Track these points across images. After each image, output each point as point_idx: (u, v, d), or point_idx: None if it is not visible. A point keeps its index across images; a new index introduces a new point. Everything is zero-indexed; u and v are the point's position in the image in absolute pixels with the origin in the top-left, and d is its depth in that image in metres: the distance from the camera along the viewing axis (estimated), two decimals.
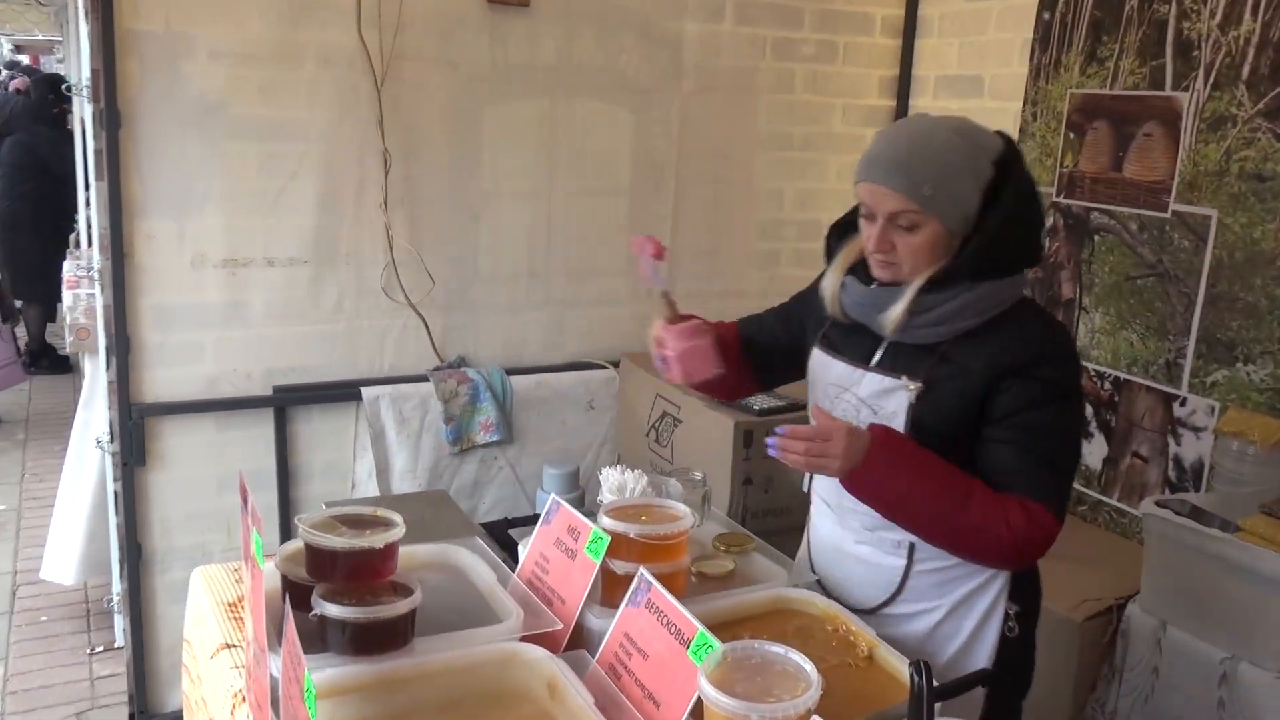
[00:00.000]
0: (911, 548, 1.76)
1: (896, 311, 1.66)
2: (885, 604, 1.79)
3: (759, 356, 2.01)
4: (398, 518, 1.61)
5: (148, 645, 3.04)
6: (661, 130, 3.45)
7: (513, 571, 1.78)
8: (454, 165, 3.17)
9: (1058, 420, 1.63)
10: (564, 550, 1.72)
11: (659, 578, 1.51)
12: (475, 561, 1.82)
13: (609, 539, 1.64)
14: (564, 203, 3.35)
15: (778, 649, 1.33)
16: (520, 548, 1.85)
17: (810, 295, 1.93)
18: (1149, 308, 2.78)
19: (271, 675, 1.37)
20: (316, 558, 1.51)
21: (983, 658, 1.75)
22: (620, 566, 1.65)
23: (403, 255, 3.14)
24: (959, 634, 1.76)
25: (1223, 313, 2.65)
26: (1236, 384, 2.58)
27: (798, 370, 1.95)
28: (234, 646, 1.67)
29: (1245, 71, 2.60)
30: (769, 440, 1.61)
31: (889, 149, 1.64)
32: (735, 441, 2.73)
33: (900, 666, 1.53)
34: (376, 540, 1.52)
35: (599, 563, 1.64)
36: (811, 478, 2.79)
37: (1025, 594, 1.78)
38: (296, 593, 1.48)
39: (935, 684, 1.28)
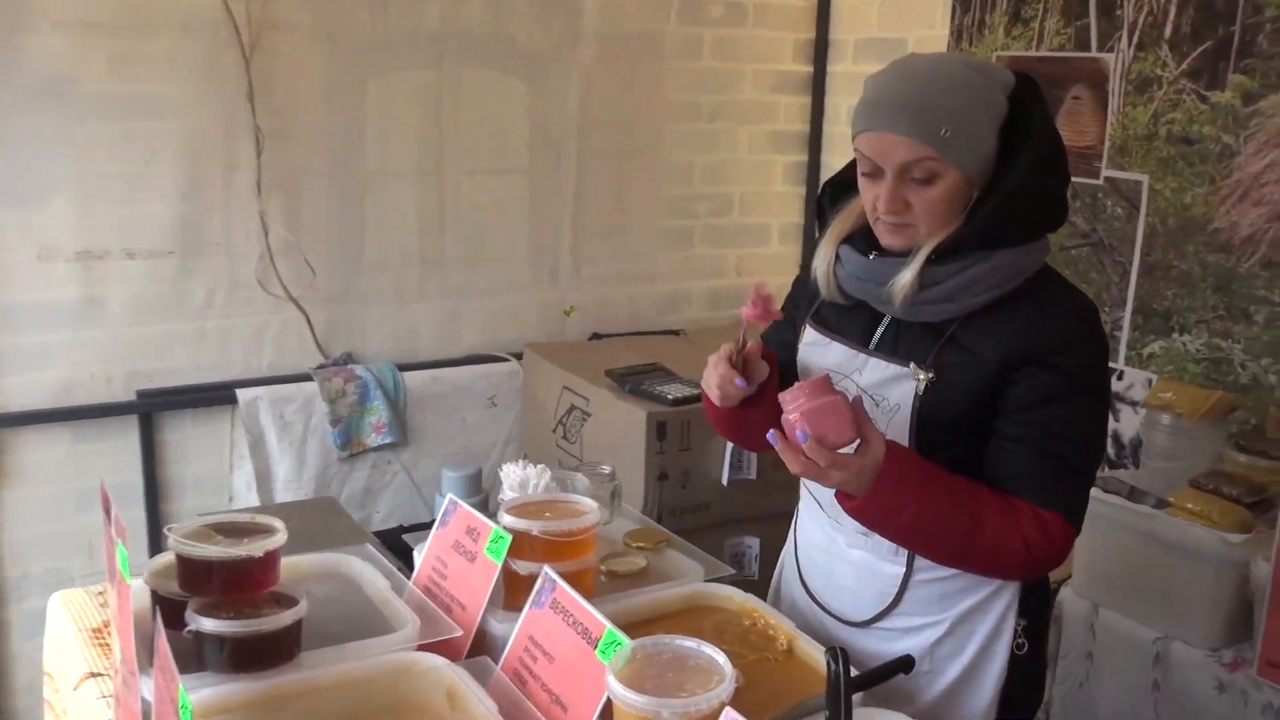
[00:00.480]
0: (911, 554, 1.68)
1: (905, 280, 1.55)
2: (880, 617, 1.72)
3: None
4: (278, 523, 1.61)
5: (2, 685, 2.98)
6: (560, 102, 3.48)
7: (408, 579, 1.80)
8: (334, 144, 3.16)
9: (1078, 417, 1.54)
10: (463, 553, 1.74)
11: (565, 577, 1.54)
12: (367, 570, 1.84)
13: (510, 538, 1.67)
14: (456, 183, 3.36)
15: (690, 643, 1.38)
16: (416, 553, 1.87)
17: (803, 278, 1.84)
18: (1084, 279, 2.90)
19: (144, 699, 1.37)
20: (190, 570, 1.51)
21: (990, 683, 1.69)
22: (523, 567, 1.68)
23: (279, 244, 3.12)
24: (963, 653, 1.69)
25: (1158, 282, 2.78)
26: (1173, 355, 2.71)
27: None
28: (100, 675, 1.65)
29: (1168, 31, 2.73)
30: (771, 434, 1.50)
31: (893, 90, 1.52)
32: (648, 434, 2.78)
33: (821, 657, 1.59)
34: (255, 548, 1.53)
35: (500, 564, 1.66)
36: (729, 470, 2.86)
37: (1035, 605, 1.71)
38: (169, 609, 1.48)
39: (853, 671, 1.33)
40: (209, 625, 1.45)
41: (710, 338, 3.67)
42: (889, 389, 1.63)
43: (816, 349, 1.75)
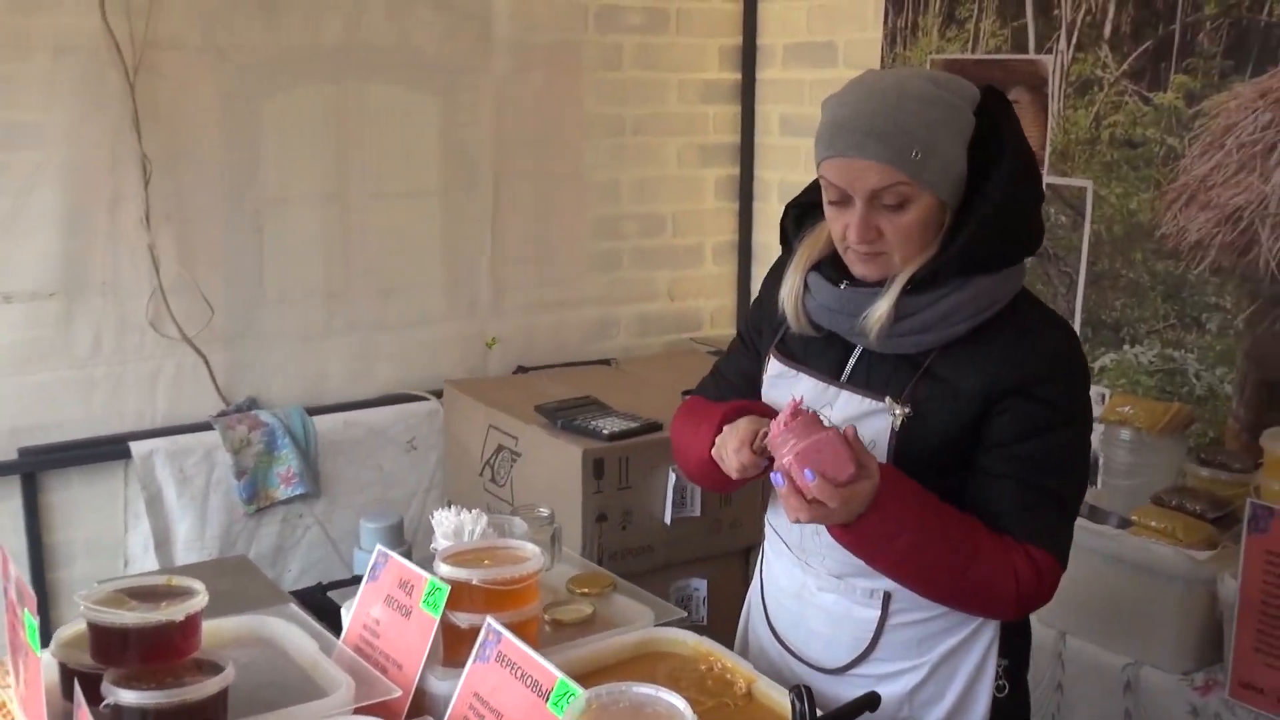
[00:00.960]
0: (887, 597, 1.72)
1: (880, 311, 1.60)
2: (854, 663, 1.76)
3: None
4: (197, 585, 1.63)
5: None
6: (473, 117, 3.53)
7: (337, 639, 1.82)
8: (229, 170, 3.17)
9: (1064, 450, 1.59)
10: (397, 608, 1.77)
11: (509, 628, 1.58)
12: (292, 632, 1.86)
13: (448, 589, 1.71)
14: (364, 208, 3.39)
15: (647, 689, 1.42)
16: (344, 612, 1.89)
17: (762, 300, 1.88)
18: (1029, 291, 3.02)
19: None
20: (104, 639, 1.53)
21: None
22: (464, 619, 1.71)
23: (173, 280, 3.12)
24: (943, 698, 1.73)
25: (1105, 292, 2.91)
26: (1125, 368, 2.84)
27: None
28: None
29: (1107, 30, 2.87)
30: (775, 477, 1.56)
31: (858, 112, 1.56)
32: (585, 472, 2.83)
33: (782, 699, 1.65)
34: (175, 612, 1.55)
35: (439, 617, 1.70)
36: (672, 508, 2.92)
37: (1016, 645, 1.76)
38: (82, 683, 1.49)
39: (818, 711, 1.39)
40: (128, 698, 1.46)
41: (643, 366, 3.74)
42: (863, 424, 1.66)
43: (783, 382, 1.78)
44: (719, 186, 4.07)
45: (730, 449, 1.69)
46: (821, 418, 1.61)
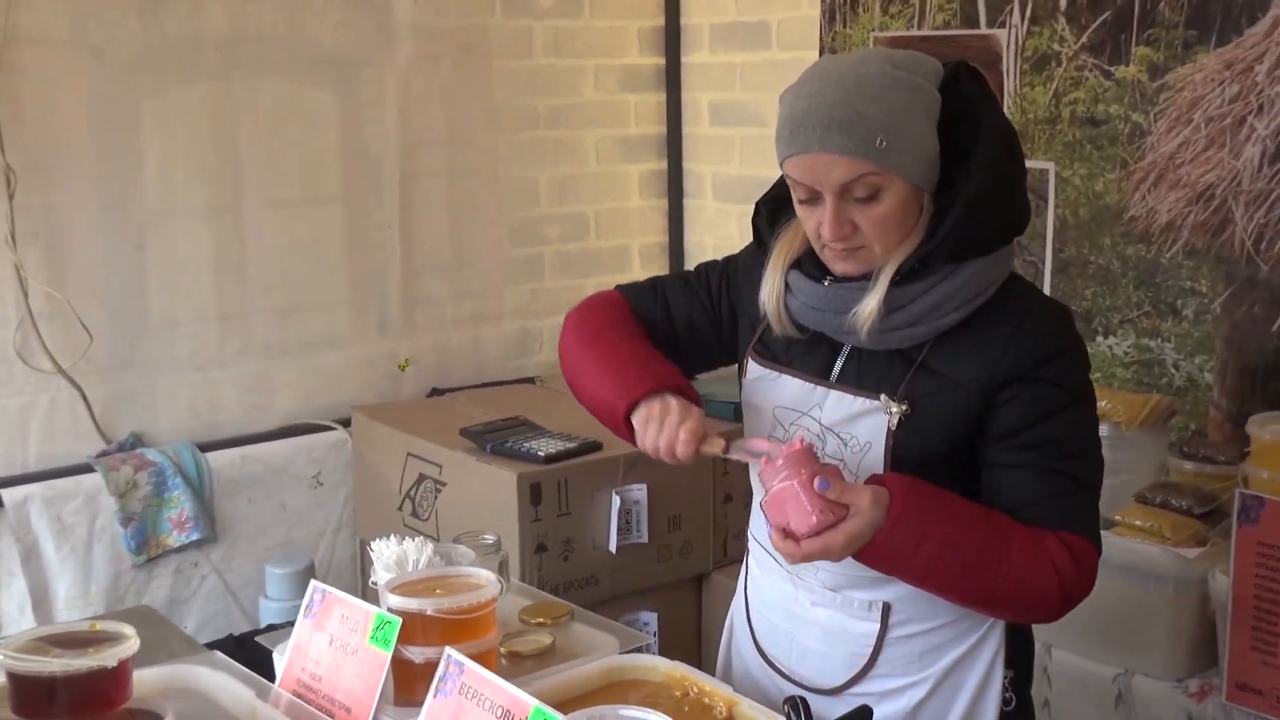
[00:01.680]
0: (886, 608, 1.80)
1: (870, 307, 1.69)
2: (853, 682, 1.84)
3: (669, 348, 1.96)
4: (127, 629, 1.68)
5: None
6: (375, 114, 3.60)
7: (273, 686, 1.87)
8: (106, 179, 3.20)
9: (1079, 429, 1.71)
10: (340, 647, 1.83)
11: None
12: (221, 680, 1.90)
13: (399, 622, 1.77)
14: (258, 219, 3.44)
15: (633, 711, 1.51)
16: (276, 656, 1.94)
17: (738, 281, 1.96)
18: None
19: None
20: (28, 690, 1.57)
21: None
22: (418, 653, 1.78)
23: (43, 305, 3.13)
24: (948, 715, 1.82)
25: (1074, 280, 3.06)
26: (1099, 360, 2.99)
27: (704, 364, 2.01)
28: None
29: (1063, 1, 3.04)
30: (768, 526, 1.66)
31: (816, 104, 1.65)
32: (520, 499, 2.90)
33: None
34: (106, 658, 1.60)
35: (390, 653, 1.76)
36: (617, 534, 3.00)
37: (1022, 655, 1.86)
38: None
39: None
40: None
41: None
42: (857, 425, 1.76)
43: (765, 385, 1.87)
44: (644, 182, 4.18)
45: (681, 441, 1.73)
46: (815, 452, 1.68)
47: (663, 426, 1.76)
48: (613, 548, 3.03)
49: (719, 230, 4.09)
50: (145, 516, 3.26)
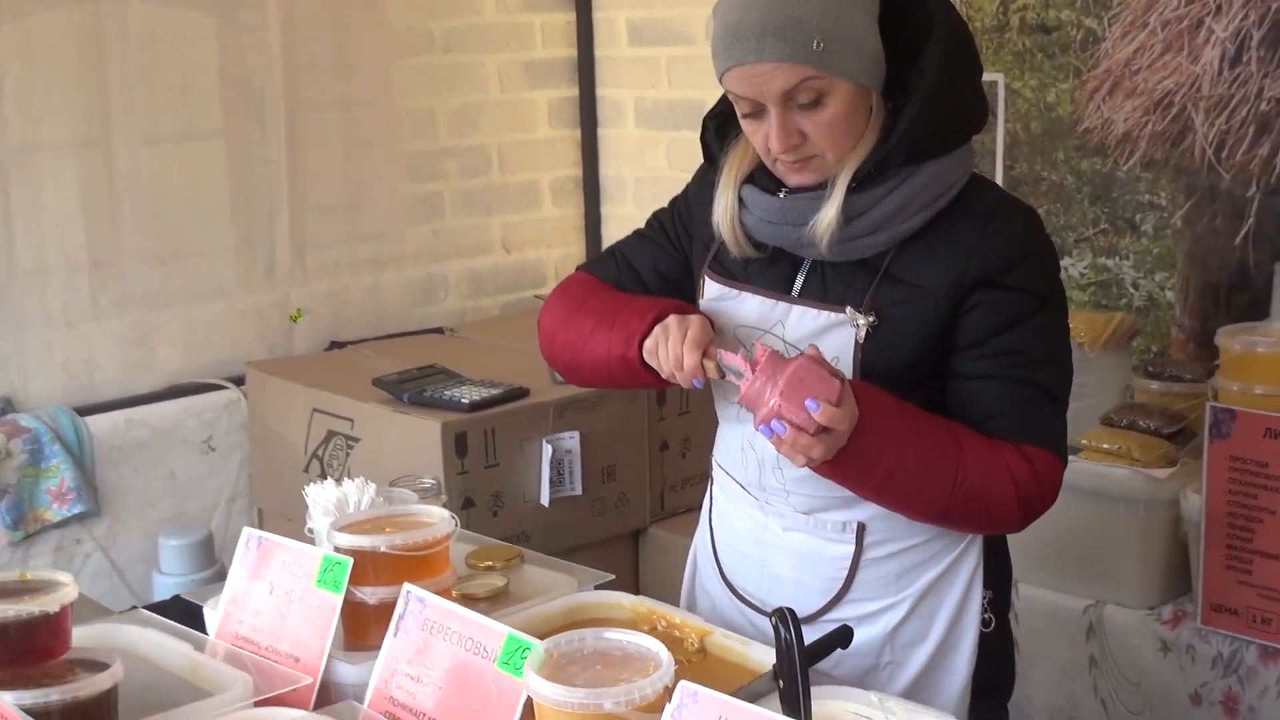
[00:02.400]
0: (861, 529, 1.94)
1: (829, 216, 1.82)
2: (828, 608, 1.98)
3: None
4: (65, 576, 1.78)
5: None
6: (257, 39, 3.66)
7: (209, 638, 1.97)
8: None
9: (1045, 337, 1.86)
10: (283, 595, 1.93)
11: None
12: (153, 637, 1.99)
13: (351, 561, 1.88)
14: (133, 155, 3.49)
15: (614, 634, 1.64)
16: (207, 611, 2.04)
17: (690, 205, 2.09)
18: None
19: None
20: None
21: (961, 666, 1.96)
22: (371, 594, 1.89)
23: None
24: (928, 637, 1.96)
25: (1027, 198, 3.18)
26: None
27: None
28: None
29: None
30: (766, 429, 1.74)
31: (747, 13, 1.77)
32: (445, 450, 3.02)
33: (741, 648, 1.88)
34: (48, 603, 1.69)
35: (342, 595, 1.87)
36: (549, 486, 3.12)
37: (999, 573, 2.02)
38: None
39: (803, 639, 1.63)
40: (7, 699, 1.60)
41: (484, 332, 3.94)
42: (822, 340, 1.88)
43: (724, 304, 1.99)
44: (553, 111, 4.29)
45: (686, 350, 1.84)
46: (781, 351, 1.83)
47: (668, 347, 1.87)
48: (545, 501, 3.16)
49: (643, 161, 4.21)
50: (21, 489, 3.31)
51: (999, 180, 3.28)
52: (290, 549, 1.96)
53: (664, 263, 2.12)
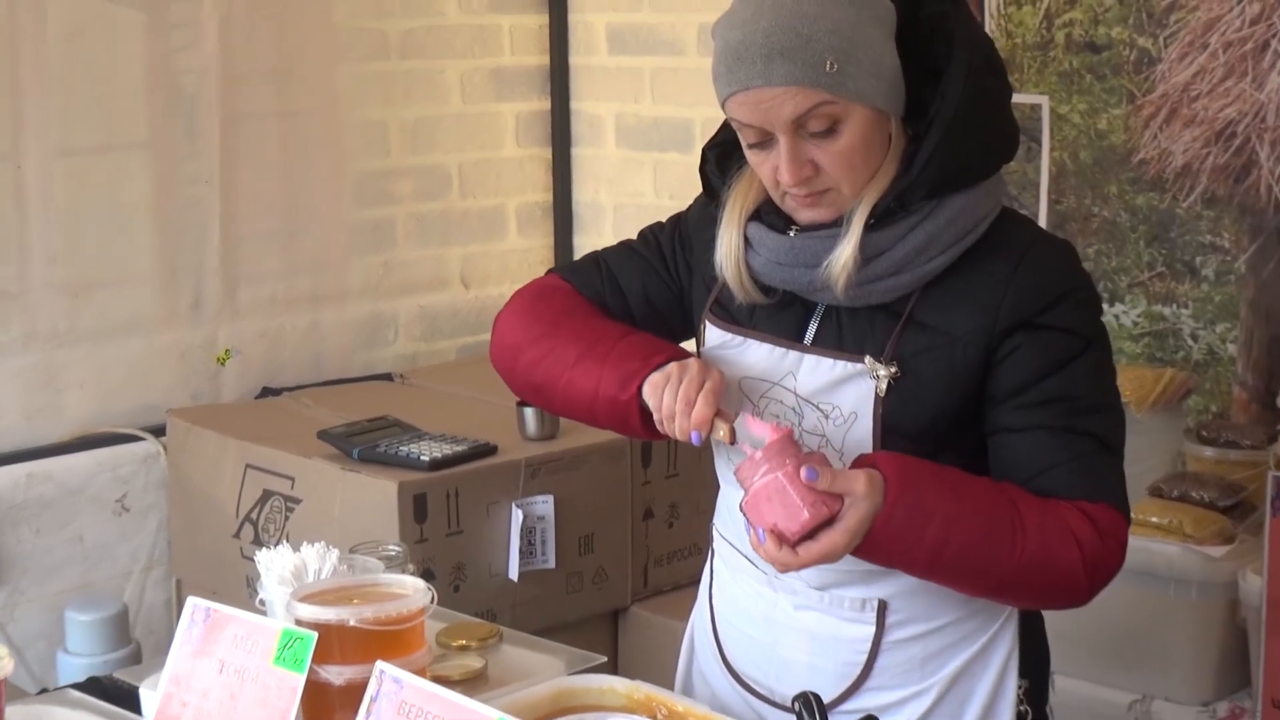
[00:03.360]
0: (882, 607, 1.99)
1: (844, 256, 1.88)
2: (846, 696, 2.02)
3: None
4: (1, 647, 1.85)
5: None
6: (190, 39, 3.73)
7: None
8: None
9: (1094, 379, 1.92)
10: (235, 674, 1.99)
11: None
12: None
13: (315, 636, 1.95)
14: (43, 170, 3.55)
15: (618, 718, 1.72)
16: (143, 693, 2.10)
17: (689, 234, 2.16)
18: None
19: None
20: None
21: None
22: (337, 673, 1.95)
23: None
24: None
25: (1075, 237, 3.30)
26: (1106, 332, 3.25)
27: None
28: None
29: None
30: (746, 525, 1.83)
31: (752, 31, 1.83)
32: (402, 514, 3.07)
33: None
34: None
35: (304, 674, 1.93)
36: (519, 557, 3.18)
37: (1036, 660, 2.07)
38: None
39: None
40: None
41: (438, 379, 4.01)
42: (839, 394, 1.95)
43: (727, 352, 2.05)
44: (522, 127, 4.39)
45: (701, 397, 1.89)
46: (797, 441, 1.87)
47: (680, 386, 1.91)
48: (514, 574, 3.23)
49: (624, 185, 4.30)
50: None
51: (1043, 216, 3.37)
52: (244, 622, 2.01)
53: (655, 289, 2.19)
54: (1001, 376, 1.92)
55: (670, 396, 1.91)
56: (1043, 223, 3.38)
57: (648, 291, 2.19)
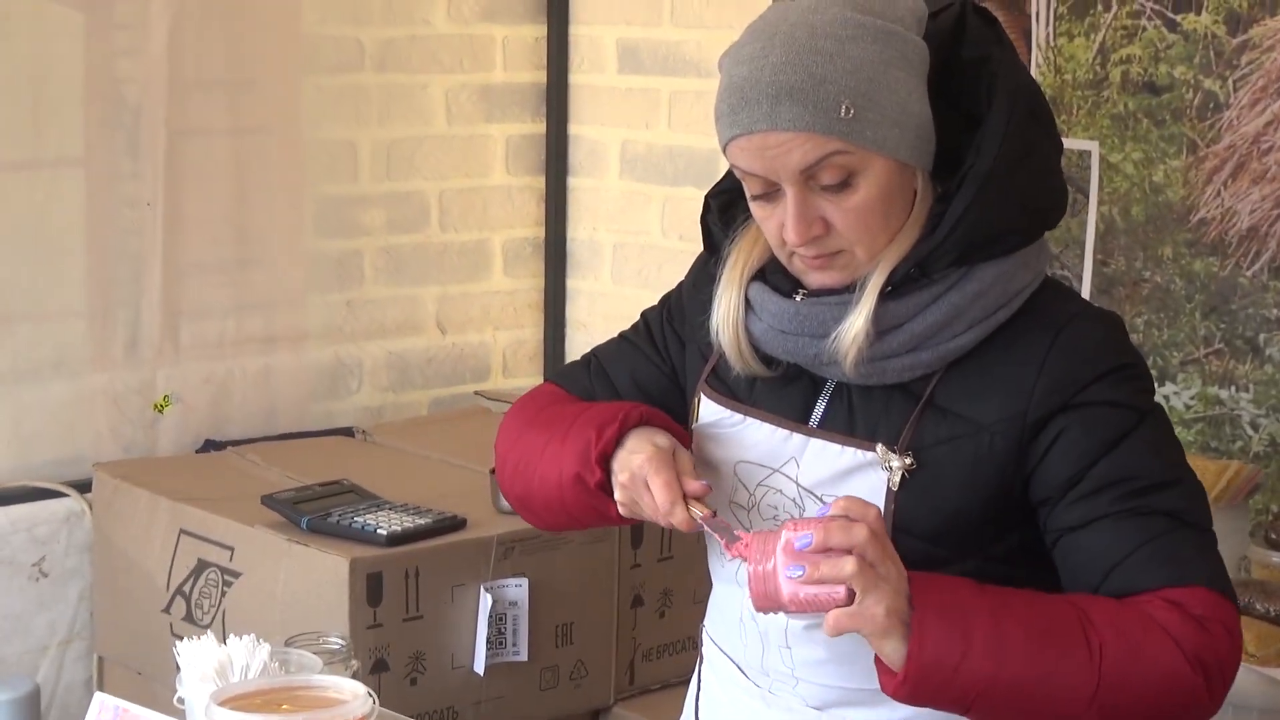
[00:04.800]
0: None
1: (855, 327, 1.86)
2: None
3: None
4: None
5: None
6: (134, 42, 3.73)
7: None
8: None
9: (1156, 453, 1.86)
10: None
11: None
12: None
13: None
14: None
15: None
16: None
17: (683, 303, 2.17)
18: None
19: None
20: None
21: None
22: None
23: None
24: None
25: (1122, 304, 3.29)
26: None
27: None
28: None
29: None
30: (788, 576, 1.75)
31: (759, 69, 1.82)
32: (353, 596, 3.06)
33: None
34: None
35: None
36: (486, 648, 3.16)
37: None
38: None
39: None
40: None
41: (406, 437, 3.99)
42: (846, 486, 1.90)
43: (722, 431, 2.04)
44: (512, 151, 4.39)
45: (658, 490, 1.88)
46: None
47: (649, 502, 1.90)
48: (479, 667, 3.20)
49: (626, 222, 4.29)
50: None
51: (1087, 277, 3.36)
52: None
53: (645, 374, 2.19)
54: (1048, 472, 1.87)
55: (650, 509, 1.91)
56: (1087, 285, 3.37)
57: (637, 379, 2.19)
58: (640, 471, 1.91)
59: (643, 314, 2.26)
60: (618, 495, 1.95)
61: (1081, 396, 1.86)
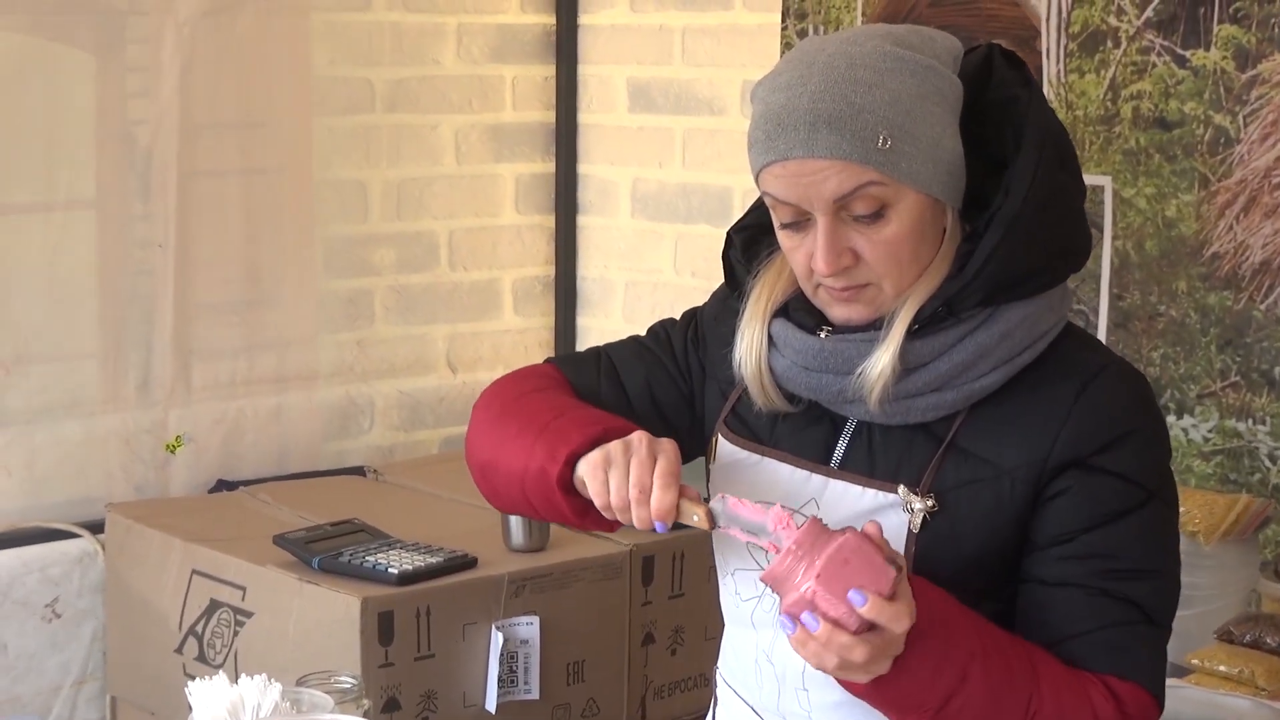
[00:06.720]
0: None
1: (880, 365, 1.87)
2: None
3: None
4: None
5: None
6: (146, 85, 3.76)
7: None
8: None
9: (1145, 538, 1.88)
10: None
11: None
12: None
13: None
14: None
15: None
16: None
17: (708, 323, 2.16)
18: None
19: None
20: None
21: None
22: None
23: None
24: None
25: (1137, 338, 3.31)
26: (1173, 448, 3.22)
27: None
28: None
29: None
30: (788, 622, 1.74)
31: (799, 97, 1.83)
32: (365, 635, 3.06)
33: None
34: None
35: None
36: (498, 686, 3.16)
37: None
38: None
39: None
40: None
41: (418, 477, 4.01)
42: (866, 526, 1.84)
43: (742, 471, 2.04)
44: (522, 191, 4.42)
45: (658, 482, 1.83)
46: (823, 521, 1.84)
47: (628, 471, 1.85)
48: (491, 706, 3.20)
49: (639, 260, 4.32)
50: None
51: (1103, 312, 3.37)
52: None
53: (662, 389, 2.17)
54: (1044, 520, 1.90)
55: (619, 482, 1.86)
56: (1103, 319, 3.38)
57: (653, 390, 2.17)
58: (638, 445, 1.87)
59: (660, 325, 2.25)
60: (591, 457, 1.89)
61: (1097, 460, 1.87)
